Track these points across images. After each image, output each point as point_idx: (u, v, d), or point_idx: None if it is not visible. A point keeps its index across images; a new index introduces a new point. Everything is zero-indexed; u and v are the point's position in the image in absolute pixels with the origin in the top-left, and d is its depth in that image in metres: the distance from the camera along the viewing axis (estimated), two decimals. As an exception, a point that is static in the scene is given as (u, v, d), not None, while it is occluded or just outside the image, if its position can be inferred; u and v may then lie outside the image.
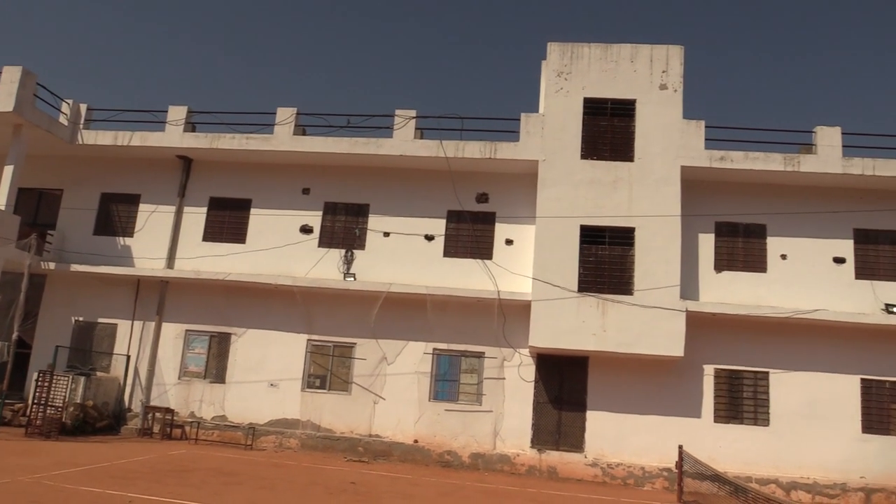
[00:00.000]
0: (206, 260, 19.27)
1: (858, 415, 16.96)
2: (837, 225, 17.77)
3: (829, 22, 58.14)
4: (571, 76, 18.16)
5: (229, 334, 18.93)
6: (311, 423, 18.08)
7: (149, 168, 20.19)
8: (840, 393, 17.04)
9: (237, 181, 19.76)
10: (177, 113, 19.64)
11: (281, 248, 19.08)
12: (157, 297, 19.27)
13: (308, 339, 18.59)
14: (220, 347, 18.92)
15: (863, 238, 17.77)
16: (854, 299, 17.34)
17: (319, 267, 18.80)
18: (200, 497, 10.54)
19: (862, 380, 17.10)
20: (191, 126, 19.76)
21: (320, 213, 19.28)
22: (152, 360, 18.98)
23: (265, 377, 18.46)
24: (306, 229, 19.18)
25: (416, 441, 17.64)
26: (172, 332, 19.14)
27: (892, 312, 17.01)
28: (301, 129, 19.23)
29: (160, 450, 15.85)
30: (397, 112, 18.72)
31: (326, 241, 19.11)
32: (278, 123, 19.05)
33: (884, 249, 17.69)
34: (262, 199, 19.56)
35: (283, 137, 18.92)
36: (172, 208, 19.77)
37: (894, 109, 54.23)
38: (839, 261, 17.64)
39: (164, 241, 19.58)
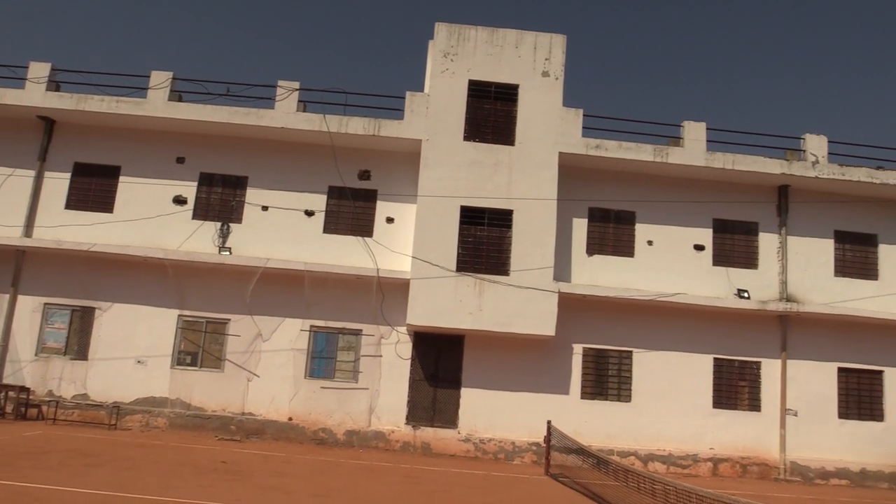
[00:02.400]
0: (69, 229, 18.13)
1: (710, 391, 18.27)
2: (699, 215, 18.94)
3: (704, 20, 61.31)
4: (458, 58, 18.30)
5: (93, 308, 17.95)
6: (180, 401, 17.51)
7: (5, 128, 18.66)
8: (695, 371, 18.29)
9: (105, 146, 18.64)
10: (39, 70, 18.25)
11: (152, 218, 18.23)
12: (13, 268, 17.97)
13: (179, 315, 17.92)
14: (82, 322, 17.91)
15: (720, 228, 19.04)
16: (711, 284, 18.58)
17: (193, 240, 18.13)
18: (58, 480, 10.02)
19: (714, 359, 18.42)
20: (54, 85, 18.42)
21: (195, 183, 18.54)
22: (6, 335, 17.73)
23: (132, 354, 17.66)
24: (180, 200, 18.42)
25: (290, 419, 17.47)
26: (29, 306, 17.93)
27: (743, 297, 18.37)
28: (177, 95, 18.38)
29: (13, 431, 14.91)
30: (279, 83, 18.23)
31: (201, 213, 18.43)
32: (152, 87, 18.11)
33: (738, 239, 19.03)
34: (132, 166, 18.56)
35: (156, 103, 18.01)
36: (31, 173, 18.41)
37: (757, 106, 58.09)
38: (699, 248, 18.83)
39: (21, 207, 18.23)
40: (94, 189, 18.51)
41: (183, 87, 18.62)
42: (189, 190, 18.47)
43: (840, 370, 18.61)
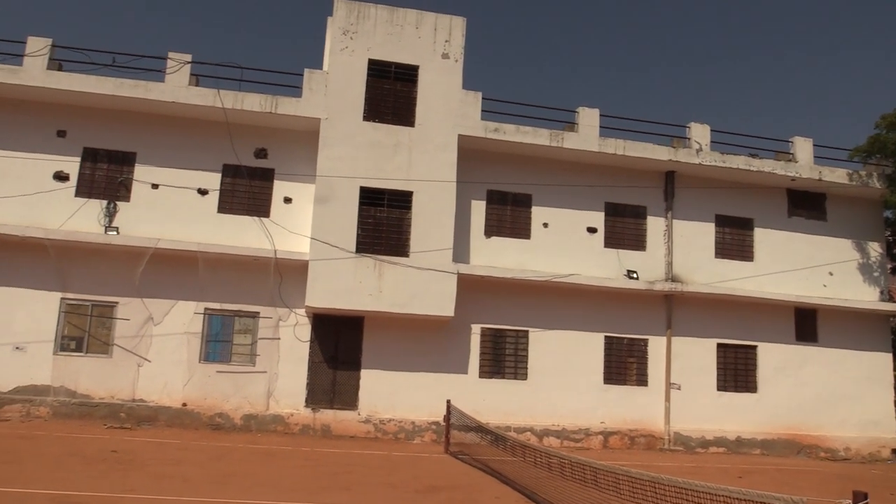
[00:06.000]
0: (-66, 206, 16.75)
1: (601, 368, 19.06)
2: (592, 198, 19.59)
3: (601, 8, 63.00)
4: (357, 36, 18.06)
5: (-36, 291, 16.70)
6: (65, 388, 16.58)
7: None
8: (587, 349, 19.01)
9: (-25, 118, 17.29)
10: None
11: (30, 196, 17.06)
12: None
13: (62, 298, 16.93)
14: (-49, 306, 16.63)
15: (612, 211, 19.78)
16: (602, 266, 19.30)
17: (76, 219, 17.12)
18: (-71, 476, 9.35)
19: (605, 337, 19.20)
20: (-85, 49, 16.91)
21: (78, 159, 17.47)
22: None
23: (9, 340, 16.49)
24: (61, 176, 17.34)
25: (184, 404, 16.92)
26: None
27: (632, 278, 19.20)
28: (57, 64, 17.24)
29: None
30: (170, 55, 17.43)
31: (85, 190, 17.43)
32: (29, 55, 16.88)
33: (628, 222, 19.84)
34: (6, 139, 17.24)
35: (34, 71, 16.81)
36: None
37: (648, 94, 60.42)
38: (592, 230, 19.50)
39: None
40: (-37, 163, 17.14)
41: (64, 55, 17.48)
42: (71, 166, 17.42)
43: (719, 346, 19.84)
